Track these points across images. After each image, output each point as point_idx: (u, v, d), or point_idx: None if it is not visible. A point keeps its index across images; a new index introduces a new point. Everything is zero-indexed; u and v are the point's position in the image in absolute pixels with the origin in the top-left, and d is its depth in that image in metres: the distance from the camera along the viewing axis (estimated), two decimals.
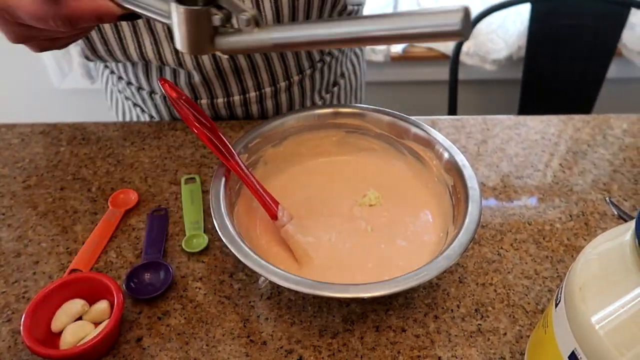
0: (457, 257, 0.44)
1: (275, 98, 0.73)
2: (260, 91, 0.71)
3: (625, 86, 1.70)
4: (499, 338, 0.47)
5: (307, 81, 0.74)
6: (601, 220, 0.59)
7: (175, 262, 0.55)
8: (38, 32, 0.43)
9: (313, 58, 0.72)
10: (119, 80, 0.77)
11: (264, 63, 0.68)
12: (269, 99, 0.73)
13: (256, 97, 0.72)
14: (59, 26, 0.41)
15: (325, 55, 0.74)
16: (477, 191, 0.50)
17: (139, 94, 0.75)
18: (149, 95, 0.74)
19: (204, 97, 0.71)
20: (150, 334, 0.48)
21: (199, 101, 0.71)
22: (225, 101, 0.71)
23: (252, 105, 0.73)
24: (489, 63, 1.58)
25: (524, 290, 0.51)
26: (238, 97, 0.71)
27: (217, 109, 0.73)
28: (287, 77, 0.71)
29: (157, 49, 0.64)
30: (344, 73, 0.82)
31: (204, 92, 0.70)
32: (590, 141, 0.71)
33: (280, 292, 0.51)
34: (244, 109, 0.73)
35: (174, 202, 0.61)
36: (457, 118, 0.75)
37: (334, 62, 0.77)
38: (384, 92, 1.77)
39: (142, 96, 0.75)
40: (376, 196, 0.58)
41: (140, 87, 0.74)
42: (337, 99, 0.82)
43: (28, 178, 0.66)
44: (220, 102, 0.71)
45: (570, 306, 0.33)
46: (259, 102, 0.73)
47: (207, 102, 0.71)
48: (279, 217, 0.52)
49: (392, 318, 0.49)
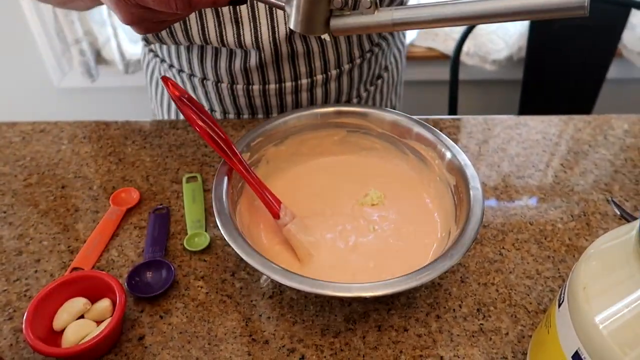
0: (459, 257, 0.44)
1: (325, 86, 0.74)
2: (312, 78, 0.72)
3: (626, 87, 1.70)
4: (501, 338, 0.47)
5: (355, 71, 0.75)
6: (602, 220, 0.59)
7: (177, 260, 0.55)
8: (152, 15, 0.44)
9: (363, 47, 0.73)
10: (169, 69, 0.77)
11: (318, 49, 0.68)
12: (320, 87, 0.73)
13: (307, 85, 0.72)
14: (179, 8, 0.41)
15: (374, 46, 0.75)
16: (479, 191, 0.50)
17: (190, 82, 0.75)
18: (201, 82, 0.74)
19: (256, 83, 0.71)
20: (152, 333, 0.48)
21: (251, 86, 0.71)
22: (277, 87, 0.71)
23: (302, 93, 0.73)
24: (490, 63, 1.58)
25: (526, 290, 0.52)
26: (290, 84, 0.71)
27: (269, 96, 0.73)
28: (338, 65, 0.72)
29: (219, 31, 0.64)
30: (388, 67, 0.83)
31: (257, 78, 0.70)
32: (592, 141, 0.71)
33: (282, 291, 0.51)
34: (294, 97, 0.73)
35: (175, 201, 0.61)
36: (458, 118, 0.75)
37: (381, 54, 0.78)
38: None
39: (193, 83, 0.75)
40: (378, 195, 0.58)
41: (192, 74, 0.74)
42: (379, 93, 0.83)
43: (29, 176, 0.66)
44: (272, 89, 0.71)
45: (573, 306, 0.34)
46: (309, 90, 0.73)
47: (259, 87, 0.71)
48: (281, 216, 0.52)
49: (394, 317, 0.49)
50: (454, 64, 1.34)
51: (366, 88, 0.80)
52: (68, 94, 1.72)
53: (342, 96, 0.77)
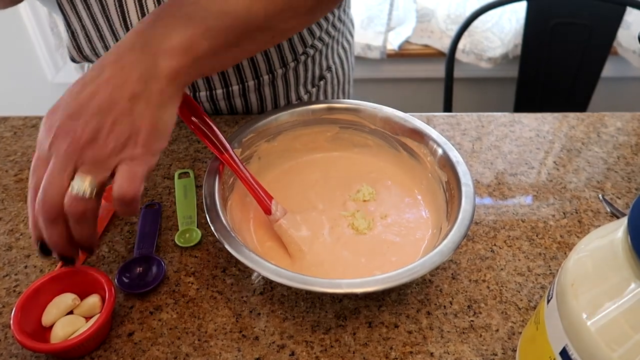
0: (450, 254, 0.44)
1: (259, 91, 0.73)
2: (244, 84, 0.71)
3: (621, 84, 1.71)
4: (491, 334, 0.47)
5: (291, 74, 0.73)
6: (594, 217, 0.59)
7: (168, 256, 0.54)
8: None
9: (296, 50, 0.72)
10: None
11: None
12: (253, 92, 0.72)
13: (239, 90, 0.71)
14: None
15: (308, 48, 0.73)
16: (470, 187, 0.50)
17: None
18: None
19: (187, 91, 0.70)
20: (142, 329, 0.48)
21: None
22: (207, 95, 0.71)
23: (236, 99, 0.72)
24: (485, 61, 1.58)
25: (517, 287, 0.52)
26: (221, 91, 0.71)
27: (200, 102, 0.72)
28: (270, 70, 0.71)
29: None
30: (331, 67, 0.81)
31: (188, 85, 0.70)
32: (585, 139, 0.71)
33: (273, 287, 0.51)
34: (227, 103, 0.73)
35: (167, 197, 0.61)
36: (452, 115, 0.75)
37: (318, 56, 0.76)
38: (380, 89, 1.77)
39: None
40: (370, 192, 0.58)
41: None
42: (323, 93, 0.81)
43: (20, 172, 0.65)
44: (203, 95, 0.71)
45: (562, 302, 0.33)
46: (242, 96, 0.72)
47: (191, 94, 0.71)
48: (273, 212, 0.52)
49: (384, 314, 0.49)
50: (450, 61, 1.34)
51: (307, 90, 0.78)
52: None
53: (280, 100, 0.75)
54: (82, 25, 0.64)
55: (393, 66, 1.69)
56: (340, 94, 0.86)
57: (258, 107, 0.75)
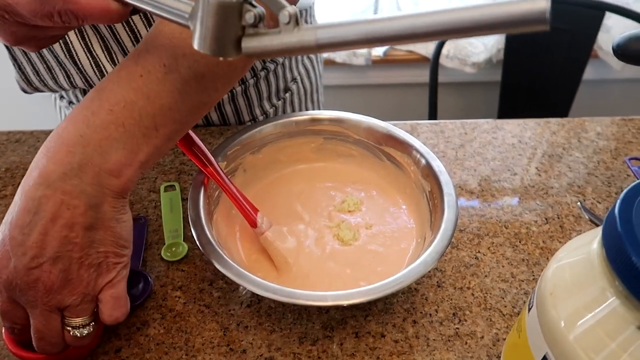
0: (434, 263, 0.45)
1: (220, 110, 0.72)
2: None
3: (602, 87, 1.74)
4: (476, 342, 0.48)
5: (252, 90, 0.73)
6: (576, 222, 0.60)
7: (155, 271, 0.54)
8: (38, 31, 0.39)
9: (255, 67, 0.71)
10: (69, 106, 0.76)
11: None
12: (214, 111, 0.72)
13: None
14: (64, 22, 0.36)
15: (268, 63, 0.72)
16: (453, 197, 0.51)
17: None
18: None
19: None
20: (129, 345, 0.48)
21: None
22: None
23: None
24: (469, 66, 1.59)
25: (501, 294, 0.52)
26: None
27: None
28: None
29: (84, 77, 0.64)
30: (296, 78, 0.80)
31: None
32: (566, 144, 0.72)
33: (260, 300, 0.52)
34: None
35: (153, 211, 0.61)
36: (436, 123, 0.76)
37: (281, 69, 0.75)
38: (366, 95, 1.78)
39: None
40: (355, 202, 0.59)
41: None
42: (290, 105, 0.81)
43: (4, 188, 0.65)
44: None
45: (541, 311, 0.34)
46: (204, 117, 0.72)
47: None
48: (259, 224, 0.53)
49: (371, 324, 0.50)
50: (434, 66, 1.35)
51: (272, 104, 0.78)
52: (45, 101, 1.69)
53: (242, 115, 0.75)
54: (28, 58, 0.64)
55: (378, 72, 1.70)
56: (310, 104, 0.85)
57: (220, 125, 0.75)
